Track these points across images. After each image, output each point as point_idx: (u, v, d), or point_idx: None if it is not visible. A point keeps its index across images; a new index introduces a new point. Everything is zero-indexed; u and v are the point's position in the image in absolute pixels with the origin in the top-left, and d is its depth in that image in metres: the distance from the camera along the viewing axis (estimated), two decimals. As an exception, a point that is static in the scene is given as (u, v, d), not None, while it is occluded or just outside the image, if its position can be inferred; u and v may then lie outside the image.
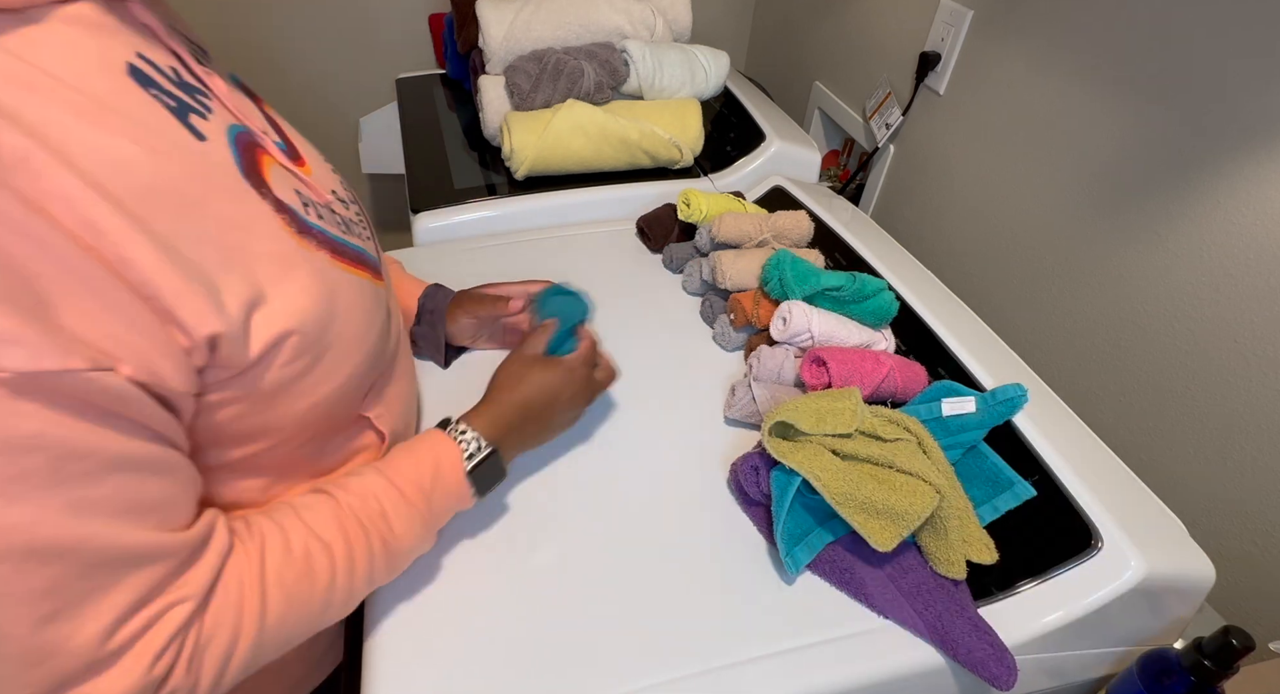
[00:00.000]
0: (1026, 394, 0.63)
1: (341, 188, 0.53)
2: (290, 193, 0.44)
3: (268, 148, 0.44)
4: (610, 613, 0.53)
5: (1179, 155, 0.70)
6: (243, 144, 0.42)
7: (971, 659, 0.50)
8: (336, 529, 0.45)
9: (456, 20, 1.15)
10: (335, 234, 0.47)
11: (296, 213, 0.43)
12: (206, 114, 0.40)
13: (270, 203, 0.41)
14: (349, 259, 0.47)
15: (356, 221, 0.52)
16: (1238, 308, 0.67)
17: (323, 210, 0.47)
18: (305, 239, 0.43)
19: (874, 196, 1.20)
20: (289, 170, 0.46)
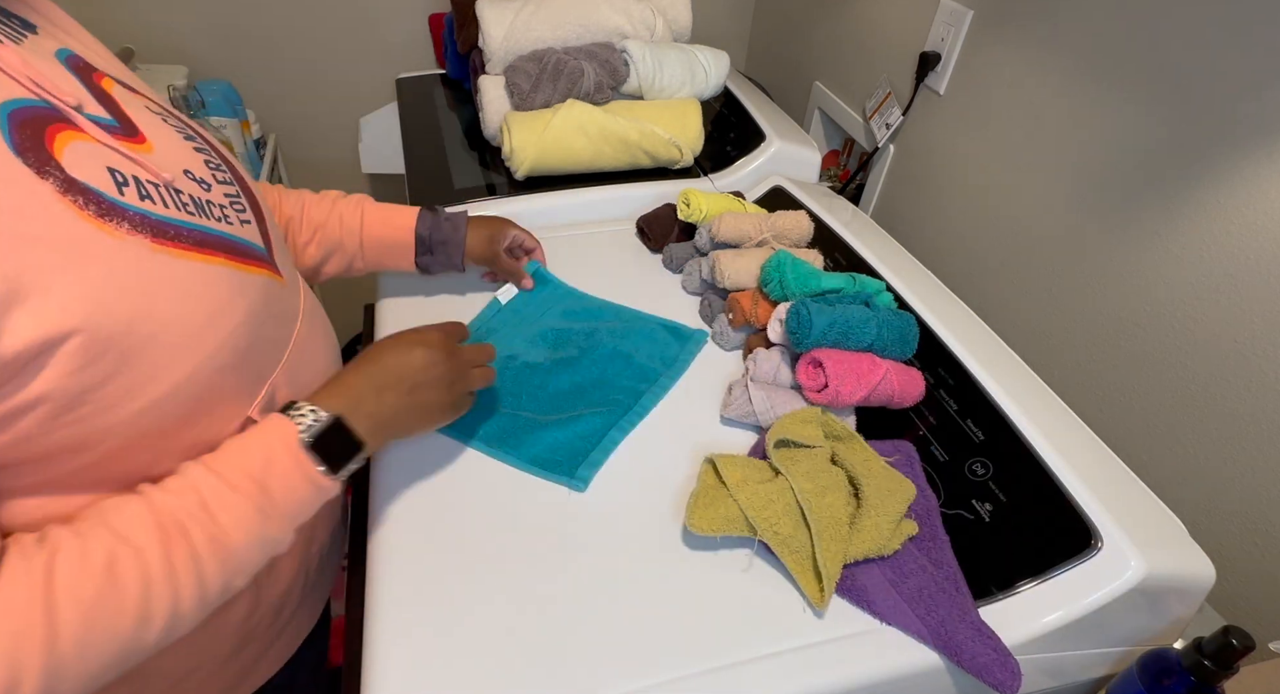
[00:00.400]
0: None
1: (205, 168, 0.49)
2: (97, 170, 0.40)
3: (75, 121, 0.40)
4: (610, 613, 0.53)
5: (1179, 155, 0.70)
6: (20, 119, 0.38)
7: (975, 664, 0.50)
8: (148, 530, 0.40)
9: (456, 20, 1.15)
10: (169, 216, 0.42)
11: (99, 192, 0.39)
12: None
13: (54, 183, 0.37)
14: (188, 243, 0.43)
15: (224, 205, 0.48)
16: (1238, 308, 0.67)
17: (155, 189, 0.43)
18: (109, 222, 0.39)
19: (874, 196, 1.20)
20: (108, 146, 0.41)
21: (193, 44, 1.37)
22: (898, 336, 0.68)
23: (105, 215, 0.39)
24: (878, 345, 0.67)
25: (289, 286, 0.54)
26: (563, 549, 0.57)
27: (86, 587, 0.37)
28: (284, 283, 0.52)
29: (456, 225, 0.75)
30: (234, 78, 1.38)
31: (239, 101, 1.36)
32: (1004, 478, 0.61)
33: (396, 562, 0.56)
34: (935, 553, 0.57)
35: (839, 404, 0.64)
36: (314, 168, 1.60)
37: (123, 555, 0.39)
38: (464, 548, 0.57)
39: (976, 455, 0.63)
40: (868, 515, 0.56)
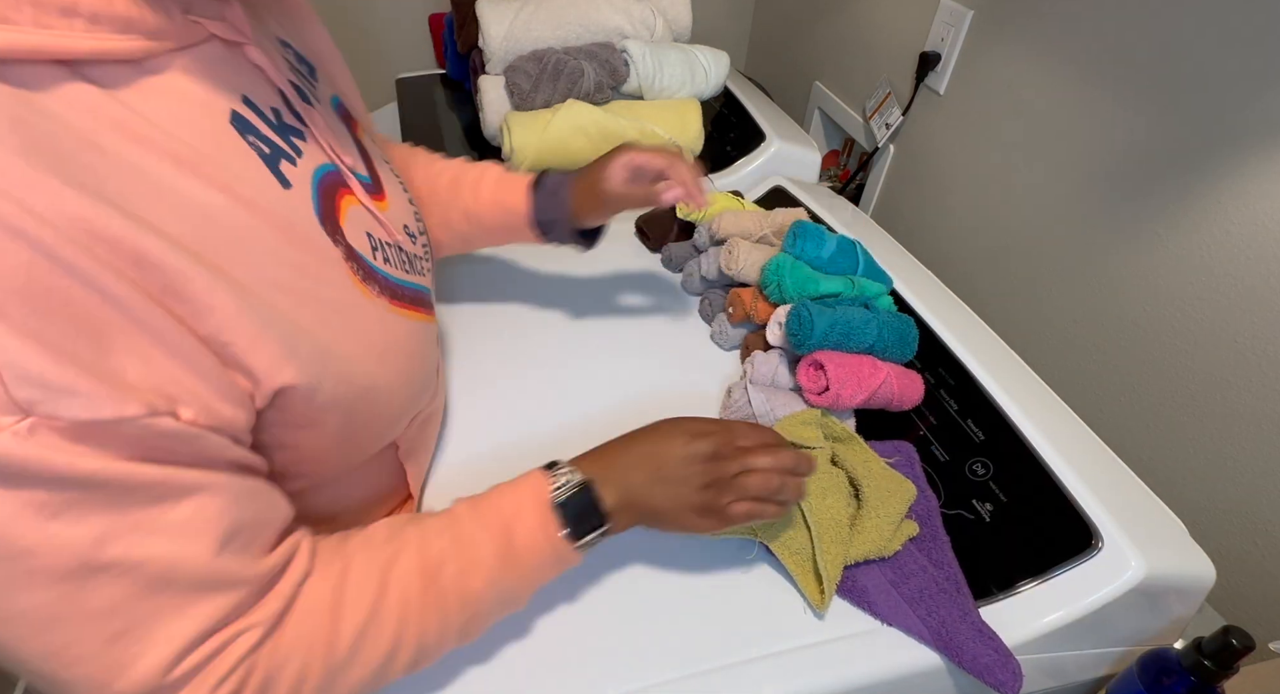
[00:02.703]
0: None
1: (414, 221, 0.53)
2: (362, 236, 0.44)
3: (351, 186, 0.45)
4: (610, 613, 0.53)
5: (1179, 155, 0.70)
6: (325, 187, 0.42)
7: (976, 665, 0.50)
8: (414, 563, 0.42)
9: (456, 20, 1.15)
10: (398, 277, 0.47)
11: (364, 259, 0.43)
12: (296, 158, 0.41)
13: (342, 250, 0.41)
14: (407, 302, 0.47)
15: (422, 256, 0.52)
16: (1238, 308, 0.67)
17: (390, 251, 0.47)
18: (369, 286, 0.43)
19: (874, 196, 1.20)
20: (366, 209, 0.46)
21: (193, 44, 1.37)
22: (897, 338, 0.68)
23: (367, 280, 0.43)
24: (878, 347, 0.67)
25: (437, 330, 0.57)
26: (563, 549, 0.57)
27: (363, 605, 0.40)
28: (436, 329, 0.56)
29: (561, 199, 0.65)
30: (234, 78, 1.38)
31: (239, 101, 1.36)
32: (1004, 478, 0.61)
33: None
34: (936, 553, 0.58)
35: (839, 406, 0.64)
36: (314, 168, 1.60)
37: (392, 580, 0.41)
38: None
39: (977, 455, 0.63)
40: (868, 517, 0.56)
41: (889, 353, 0.68)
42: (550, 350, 0.76)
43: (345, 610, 0.39)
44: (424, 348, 0.49)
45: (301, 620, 0.38)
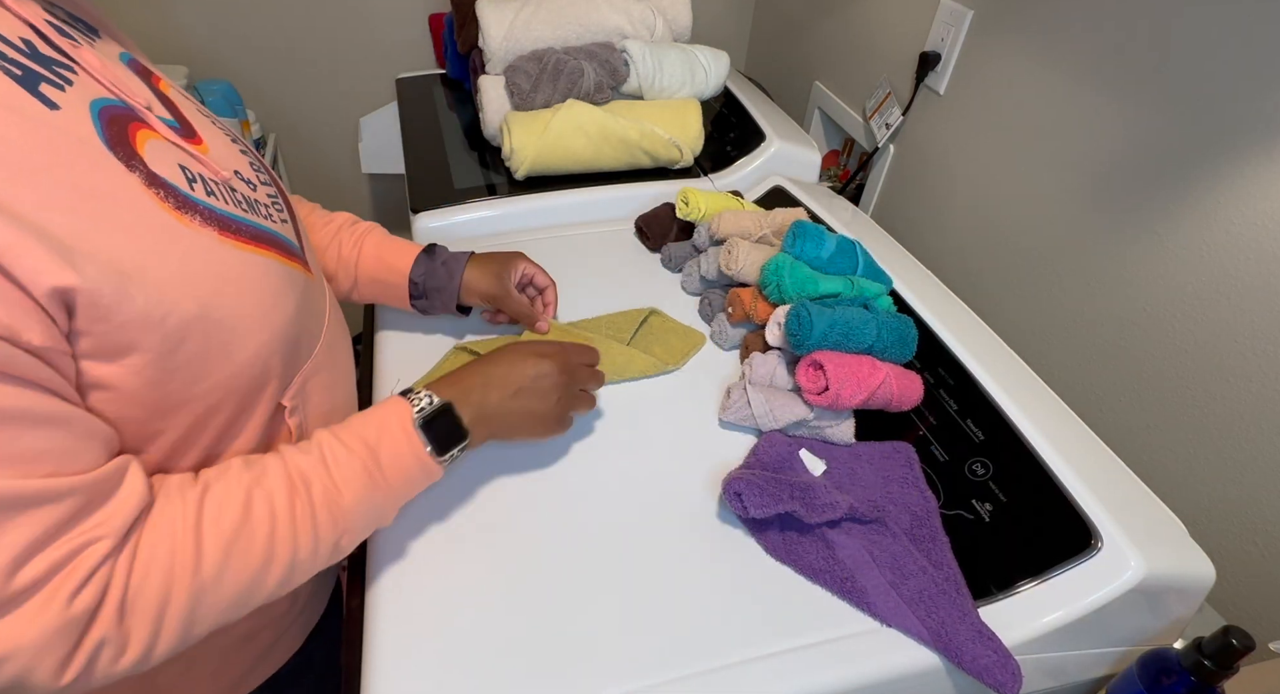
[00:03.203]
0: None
1: (250, 170, 0.52)
2: (172, 167, 0.43)
3: (149, 122, 0.44)
4: (609, 613, 0.53)
5: (1179, 155, 0.70)
6: (109, 116, 0.41)
7: (976, 666, 0.50)
8: (279, 478, 0.45)
9: (456, 20, 1.16)
10: (231, 212, 0.46)
11: (175, 188, 0.42)
12: (63, 85, 0.39)
13: (140, 175, 0.40)
14: (247, 237, 0.46)
15: (268, 204, 0.51)
16: (1238, 307, 0.67)
17: (217, 187, 0.46)
18: (185, 214, 0.42)
19: (874, 196, 1.20)
20: (175, 145, 0.44)
21: (193, 44, 1.37)
22: (897, 339, 0.68)
23: (181, 208, 0.42)
24: (877, 347, 0.67)
25: (317, 284, 0.56)
26: (563, 550, 0.57)
27: (227, 520, 0.42)
28: (314, 280, 0.55)
29: (452, 272, 0.71)
30: (234, 78, 1.38)
31: (239, 101, 1.36)
32: (1004, 478, 0.61)
33: (397, 561, 0.56)
34: (935, 554, 0.58)
35: (839, 406, 0.64)
36: (314, 168, 1.60)
37: (257, 497, 0.43)
38: (464, 548, 0.57)
39: (976, 455, 0.63)
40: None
41: (888, 353, 0.68)
42: (550, 350, 0.76)
43: (207, 529, 0.41)
44: (281, 284, 0.48)
45: (159, 541, 0.39)
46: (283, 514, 0.44)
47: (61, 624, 0.35)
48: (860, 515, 0.59)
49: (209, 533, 0.41)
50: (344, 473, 0.47)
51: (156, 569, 0.39)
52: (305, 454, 0.47)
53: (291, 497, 0.45)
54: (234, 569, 0.42)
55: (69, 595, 0.35)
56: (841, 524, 0.59)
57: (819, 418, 0.66)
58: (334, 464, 0.47)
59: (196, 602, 0.40)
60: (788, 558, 0.57)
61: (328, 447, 0.47)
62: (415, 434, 0.50)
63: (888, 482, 0.64)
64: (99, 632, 0.36)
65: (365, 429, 0.49)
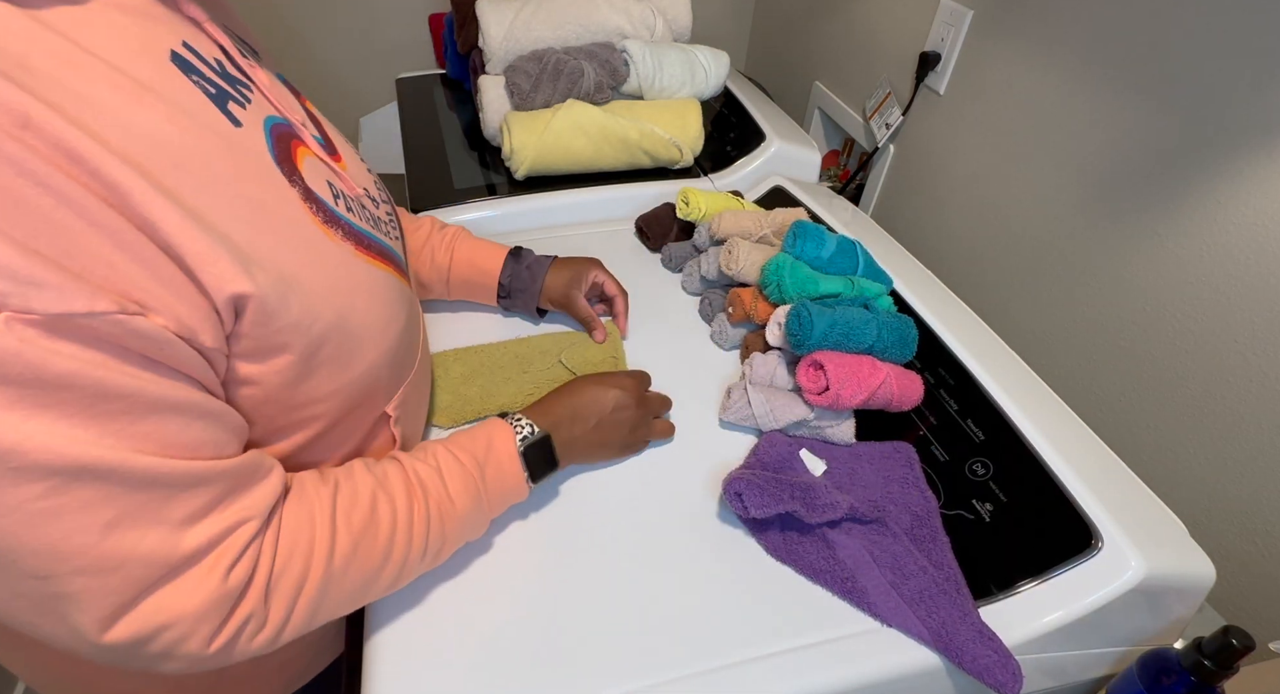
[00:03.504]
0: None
1: (374, 188, 0.55)
2: (322, 183, 0.46)
3: (305, 140, 0.46)
4: (610, 613, 0.53)
5: (1179, 155, 0.70)
6: (278, 134, 0.44)
7: (976, 666, 0.50)
8: (400, 482, 0.47)
9: (456, 20, 1.15)
10: (364, 228, 0.48)
11: (325, 203, 0.45)
12: (245, 103, 0.42)
13: (299, 190, 0.43)
14: (375, 253, 0.49)
15: (386, 222, 0.54)
16: (1238, 307, 0.67)
17: (353, 204, 0.49)
18: (331, 229, 0.44)
19: (874, 196, 1.20)
20: (324, 162, 0.47)
21: (193, 44, 1.37)
22: (897, 339, 0.68)
23: (329, 222, 0.44)
24: (877, 348, 0.67)
25: (416, 298, 0.59)
26: (563, 550, 0.57)
27: (356, 517, 0.44)
28: (414, 294, 0.58)
29: (535, 275, 0.75)
30: (234, 78, 1.38)
31: (239, 101, 1.36)
32: (1004, 478, 0.61)
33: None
34: (936, 554, 0.58)
35: (839, 407, 0.64)
36: (314, 168, 1.60)
37: (382, 499, 0.46)
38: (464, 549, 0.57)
39: (976, 455, 0.63)
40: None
41: (889, 353, 0.68)
42: (550, 350, 0.76)
43: (340, 521, 0.43)
44: (397, 299, 0.50)
45: (300, 527, 0.42)
46: (403, 517, 0.46)
47: (220, 596, 0.37)
48: (861, 515, 0.59)
49: (342, 525, 0.43)
50: (456, 485, 0.50)
51: (299, 553, 0.41)
52: (423, 463, 0.50)
53: (411, 501, 0.47)
54: (359, 562, 0.44)
55: (226, 568, 0.37)
56: (842, 524, 0.59)
57: (819, 418, 0.66)
58: (448, 476, 0.50)
59: (325, 589, 0.42)
60: (788, 558, 0.57)
61: (443, 458, 0.51)
62: (518, 460, 0.53)
63: (888, 482, 0.64)
64: (249, 606, 0.38)
65: (475, 447, 0.52)
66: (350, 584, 0.44)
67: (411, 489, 0.48)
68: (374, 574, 0.45)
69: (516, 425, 0.55)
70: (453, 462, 0.50)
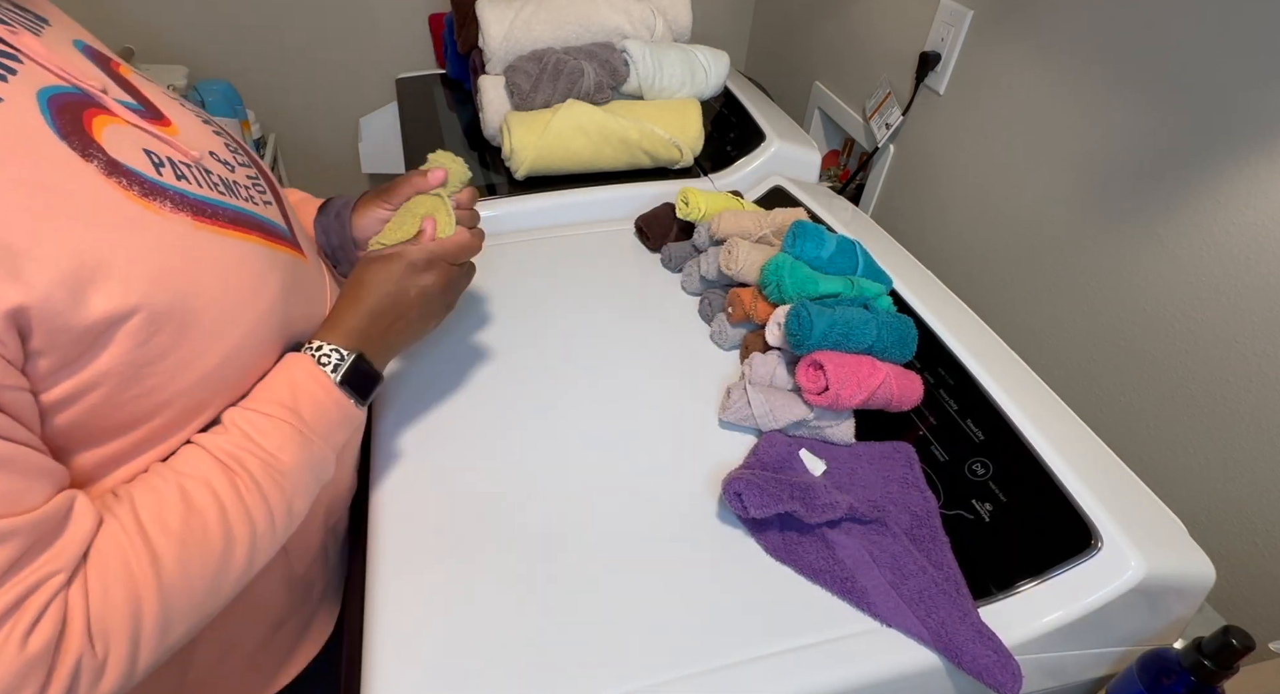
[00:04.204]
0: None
1: (226, 150, 0.51)
2: (135, 152, 0.41)
3: (107, 106, 0.42)
4: (609, 613, 0.53)
5: (1179, 155, 0.70)
6: (59, 104, 0.39)
7: (976, 666, 0.50)
8: (208, 465, 0.43)
9: (456, 20, 1.16)
10: (203, 195, 0.44)
11: (140, 173, 0.41)
12: (7, 75, 0.38)
13: (99, 164, 0.39)
14: (225, 221, 0.45)
15: (249, 186, 0.50)
16: (1238, 307, 0.67)
17: (188, 169, 0.44)
18: (153, 201, 0.40)
19: (874, 196, 1.20)
20: (139, 129, 0.43)
21: (193, 44, 1.37)
22: (897, 339, 0.68)
23: (148, 195, 0.40)
24: (877, 348, 0.67)
25: (312, 266, 0.55)
26: (563, 550, 0.57)
27: (171, 518, 0.40)
28: (308, 262, 0.54)
29: (343, 222, 0.64)
30: (234, 78, 1.38)
31: (239, 101, 1.36)
32: (1004, 478, 0.61)
33: (397, 560, 0.56)
34: (935, 554, 0.58)
35: (839, 406, 0.64)
36: (314, 168, 1.61)
37: (193, 488, 0.42)
38: (464, 548, 0.57)
39: (976, 455, 0.63)
40: None
41: (888, 353, 0.68)
42: (550, 349, 0.76)
43: (153, 531, 0.40)
44: (267, 268, 0.47)
45: (109, 557, 0.38)
46: (227, 495, 0.43)
47: (21, 665, 0.33)
48: (860, 515, 0.59)
49: (156, 534, 0.40)
50: (274, 439, 0.46)
51: (116, 584, 0.37)
52: (224, 435, 0.45)
53: (230, 478, 0.43)
54: (196, 561, 0.41)
55: (22, 636, 0.34)
56: (841, 524, 0.59)
57: (819, 418, 0.66)
58: (259, 434, 0.45)
59: (167, 604, 0.39)
60: (788, 558, 0.57)
61: (244, 421, 0.46)
62: (336, 391, 0.49)
63: (888, 481, 0.64)
64: (70, 660, 0.35)
65: (278, 394, 0.47)
66: (198, 583, 0.41)
67: (225, 465, 0.44)
68: (222, 562, 0.42)
69: (320, 356, 0.49)
70: (258, 418, 0.46)
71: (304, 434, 0.47)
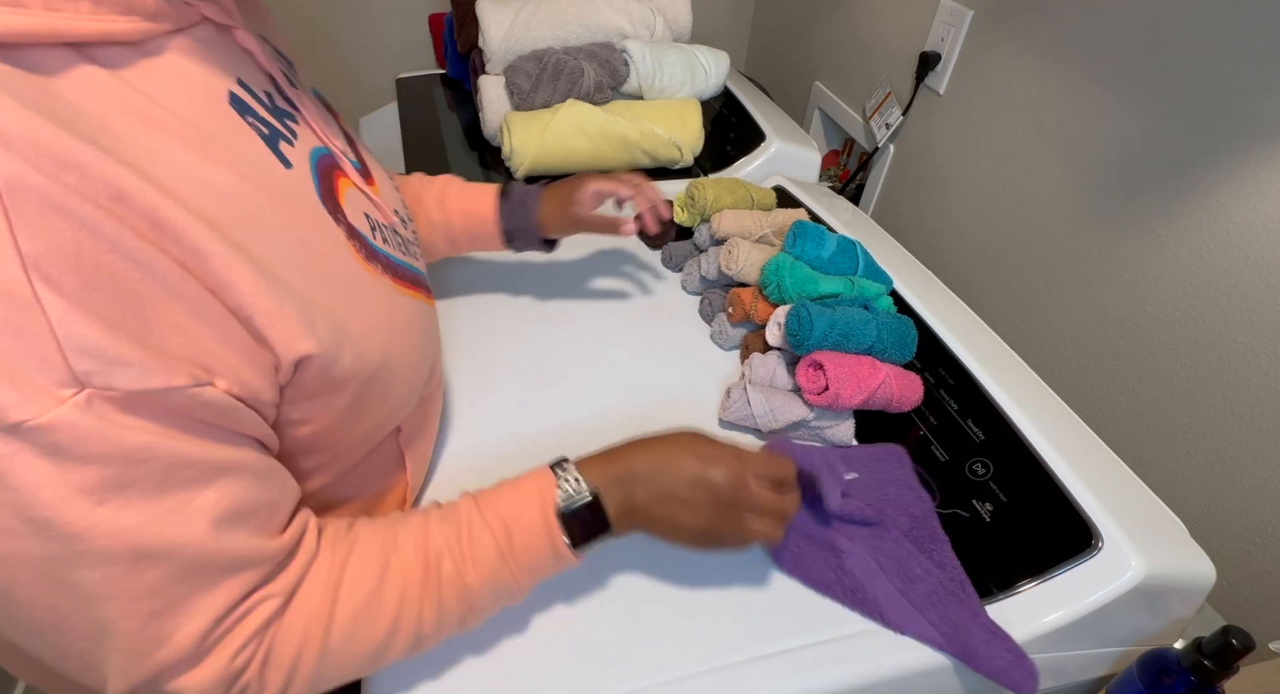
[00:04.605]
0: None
1: (402, 206, 0.54)
2: (360, 216, 0.45)
3: (345, 169, 0.45)
4: (610, 613, 0.53)
5: (1179, 155, 0.70)
6: (322, 168, 0.43)
7: (992, 667, 0.50)
8: (416, 548, 0.43)
9: (456, 20, 1.15)
10: (397, 257, 0.47)
11: (365, 238, 0.44)
12: (293, 139, 0.41)
13: (344, 229, 0.42)
14: (407, 282, 0.48)
15: (413, 241, 0.53)
16: (1238, 307, 0.67)
17: (387, 232, 0.48)
18: (372, 265, 0.44)
19: (874, 196, 1.20)
20: (361, 192, 0.46)
21: (193, 44, 1.37)
22: (897, 340, 0.68)
23: (369, 259, 0.44)
24: (877, 348, 0.67)
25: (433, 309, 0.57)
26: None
27: (361, 589, 0.41)
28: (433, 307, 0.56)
29: (529, 209, 0.71)
30: (234, 78, 1.38)
31: (239, 101, 1.36)
32: (1004, 478, 0.61)
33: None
34: (938, 555, 0.57)
35: (839, 407, 0.64)
36: (314, 168, 1.60)
37: (394, 567, 0.42)
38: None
39: (976, 455, 0.63)
40: None
41: (888, 354, 0.68)
42: (550, 348, 0.76)
43: (343, 592, 0.41)
44: (427, 327, 0.50)
45: (305, 598, 0.40)
46: (412, 590, 0.42)
47: (224, 676, 0.36)
48: (865, 517, 0.59)
49: (344, 599, 0.41)
50: (477, 551, 0.44)
51: (298, 627, 0.39)
52: (444, 525, 0.44)
53: (424, 571, 0.43)
54: (360, 638, 0.41)
55: (235, 650, 0.36)
56: (846, 528, 0.59)
57: (819, 418, 0.66)
58: (469, 541, 0.44)
59: (322, 663, 0.40)
60: (796, 571, 0.57)
61: (467, 520, 0.45)
62: (554, 523, 0.45)
63: (884, 484, 0.64)
64: (247, 679, 0.37)
65: (505, 506, 0.46)
66: (355, 656, 0.42)
67: (427, 559, 0.43)
68: (382, 645, 0.42)
69: (561, 480, 0.46)
70: (479, 523, 0.44)
71: (504, 558, 0.44)
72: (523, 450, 0.65)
